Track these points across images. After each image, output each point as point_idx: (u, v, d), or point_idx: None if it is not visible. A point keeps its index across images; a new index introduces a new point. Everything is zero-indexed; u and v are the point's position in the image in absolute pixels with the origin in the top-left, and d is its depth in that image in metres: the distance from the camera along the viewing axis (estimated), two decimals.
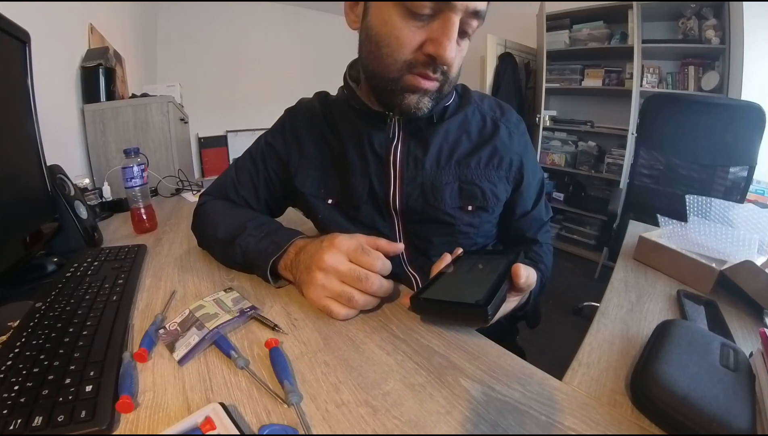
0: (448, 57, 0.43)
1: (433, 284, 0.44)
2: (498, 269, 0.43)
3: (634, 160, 1.60)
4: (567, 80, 2.64)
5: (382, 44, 0.46)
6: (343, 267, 0.43)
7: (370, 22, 0.48)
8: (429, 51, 0.44)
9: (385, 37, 0.46)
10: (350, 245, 0.44)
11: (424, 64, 0.45)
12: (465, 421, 0.30)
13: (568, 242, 2.72)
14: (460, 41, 0.46)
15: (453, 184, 0.58)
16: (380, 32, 0.46)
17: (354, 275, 0.42)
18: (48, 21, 1.14)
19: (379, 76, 0.49)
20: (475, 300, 0.37)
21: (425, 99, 0.49)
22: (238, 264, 0.55)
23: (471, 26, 0.45)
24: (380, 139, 0.58)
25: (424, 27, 0.44)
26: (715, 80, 2.04)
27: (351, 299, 0.42)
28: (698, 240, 0.61)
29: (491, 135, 0.60)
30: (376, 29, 0.47)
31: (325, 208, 0.62)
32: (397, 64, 0.46)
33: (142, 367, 0.36)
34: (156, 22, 3.06)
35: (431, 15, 0.43)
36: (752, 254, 0.56)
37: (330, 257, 0.43)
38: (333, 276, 0.43)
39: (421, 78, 0.47)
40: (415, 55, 0.45)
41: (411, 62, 0.46)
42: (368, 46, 0.49)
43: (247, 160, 0.67)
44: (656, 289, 0.58)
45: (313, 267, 0.44)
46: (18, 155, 0.59)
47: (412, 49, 0.45)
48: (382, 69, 0.48)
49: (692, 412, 0.30)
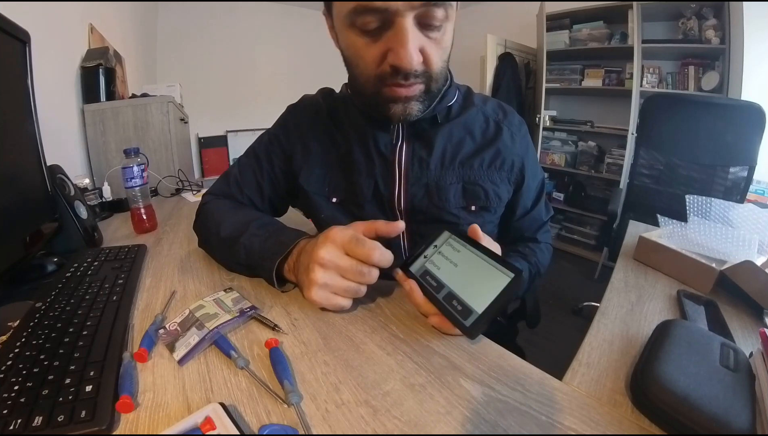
0: (407, 64, 0.42)
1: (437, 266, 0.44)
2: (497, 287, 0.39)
3: (634, 160, 1.60)
4: (567, 80, 2.64)
5: (352, 65, 0.49)
6: (343, 262, 0.42)
7: (340, 45, 0.49)
8: (390, 62, 0.44)
9: (353, 58, 0.48)
10: (345, 237, 0.43)
11: (393, 75, 0.45)
12: (465, 421, 0.30)
13: (568, 242, 2.72)
14: (430, 34, 0.44)
15: (457, 184, 0.58)
16: (348, 54, 0.48)
17: (355, 271, 0.42)
18: (48, 21, 1.14)
19: (361, 93, 0.51)
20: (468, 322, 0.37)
21: (411, 104, 0.49)
22: (240, 265, 0.54)
23: (434, 17, 0.42)
24: (385, 140, 0.58)
25: (382, 40, 0.43)
26: (715, 80, 2.04)
27: (357, 293, 0.43)
28: (698, 240, 0.61)
29: (494, 137, 0.60)
30: (345, 51, 0.48)
31: (328, 207, 0.62)
32: (369, 81, 0.47)
33: (142, 367, 0.36)
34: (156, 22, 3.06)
35: (381, 27, 0.42)
36: (752, 254, 0.56)
37: (326, 251, 0.42)
38: (333, 272, 0.42)
39: (396, 87, 0.46)
40: (382, 68, 0.45)
41: (380, 76, 0.46)
42: (346, 66, 0.51)
43: (250, 158, 0.67)
44: (656, 289, 0.58)
45: (311, 266, 0.42)
46: (18, 155, 0.59)
47: (377, 64, 0.45)
48: (360, 87, 0.50)
49: (692, 412, 0.30)
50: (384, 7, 0.40)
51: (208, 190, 0.69)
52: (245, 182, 0.65)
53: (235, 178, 0.66)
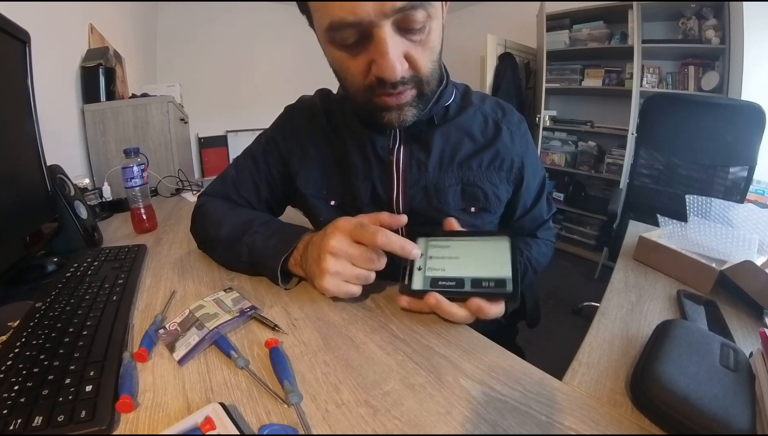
0: (390, 74, 0.41)
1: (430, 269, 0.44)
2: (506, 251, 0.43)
3: (634, 160, 1.60)
4: (567, 80, 2.64)
5: (341, 78, 0.49)
6: (353, 250, 0.43)
7: (328, 60, 0.48)
8: (375, 73, 0.43)
9: (340, 72, 0.48)
10: (350, 225, 0.44)
11: (380, 86, 0.44)
12: (465, 421, 0.30)
13: (568, 242, 2.72)
14: (413, 37, 0.42)
15: (456, 186, 0.58)
16: (335, 67, 0.48)
17: (365, 257, 0.43)
18: (48, 21, 1.14)
19: (353, 103, 0.51)
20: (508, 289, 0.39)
21: (405, 110, 0.48)
22: (243, 264, 0.54)
23: (414, 20, 0.40)
24: (382, 143, 0.58)
25: (364, 52, 0.43)
26: (715, 80, 2.04)
27: (367, 279, 0.44)
28: (698, 240, 0.61)
29: (493, 137, 0.60)
30: (332, 65, 0.48)
31: (327, 211, 0.62)
32: (359, 93, 0.47)
33: (142, 367, 0.36)
34: (156, 22, 3.07)
35: (360, 40, 0.41)
36: (752, 254, 0.56)
37: (336, 240, 0.43)
38: (344, 260, 0.43)
39: (385, 97, 0.46)
40: (369, 80, 0.44)
41: (368, 87, 0.45)
42: (337, 78, 0.50)
43: (247, 159, 0.67)
44: (656, 289, 0.58)
45: (323, 255, 0.43)
46: (18, 155, 0.59)
47: (363, 76, 0.45)
48: (351, 98, 0.50)
49: (692, 412, 0.30)
50: (357, 20, 0.39)
51: (204, 192, 0.69)
52: (242, 184, 0.65)
53: (232, 180, 0.66)
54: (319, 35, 0.46)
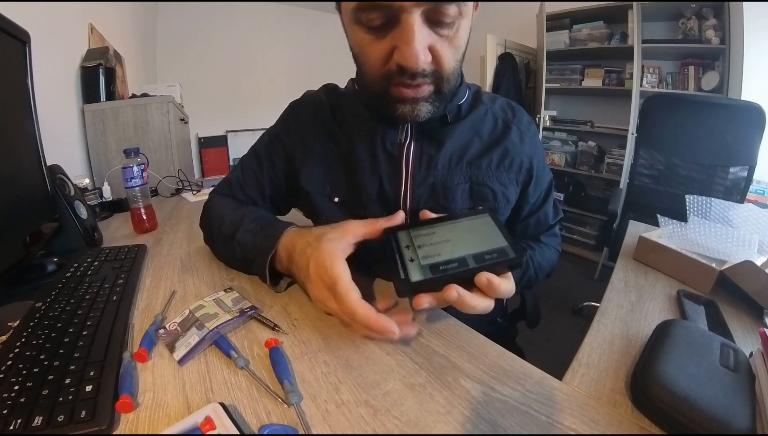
0: (412, 63, 0.41)
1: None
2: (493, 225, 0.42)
3: (634, 160, 1.60)
4: (567, 80, 2.64)
5: (360, 62, 0.48)
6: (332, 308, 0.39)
7: (349, 43, 0.48)
8: (396, 60, 0.42)
9: (360, 56, 0.47)
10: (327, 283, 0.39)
11: (399, 74, 0.43)
12: (465, 421, 0.30)
13: (568, 242, 2.72)
14: (441, 31, 0.42)
15: (464, 184, 0.57)
16: (355, 52, 0.47)
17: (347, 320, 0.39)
18: (48, 21, 1.14)
19: (368, 91, 0.50)
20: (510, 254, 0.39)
21: (420, 105, 0.47)
22: (238, 261, 0.54)
23: (445, 14, 0.40)
24: (393, 138, 0.57)
25: (388, 37, 0.42)
26: (715, 80, 2.04)
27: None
28: (698, 240, 0.61)
29: (502, 137, 0.59)
30: (353, 49, 0.47)
31: (330, 208, 0.60)
32: (376, 80, 0.46)
33: (142, 367, 0.36)
34: (156, 22, 3.07)
35: (387, 24, 0.40)
36: (752, 254, 0.56)
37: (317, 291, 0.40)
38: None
39: (402, 88, 0.45)
40: (388, 67, 0.43)
41: (386, 75, 0.44)
42: (355, 62, 0.50)
43: (252, 158, 0.66)
44: (656, 289, 0.58)
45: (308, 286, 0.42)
46: (18, 155, 0.59)
47: (383, 62, 0.44)
48: (367, 85, 0.49)
49: (692, 412, 0.30)
50: (387, 3, 0.38)
51: (213, 190, 0.69)
52: (247, 182, 0.65)
53: (237, 178, 0.66)
54: (344, 15, 0.45)
